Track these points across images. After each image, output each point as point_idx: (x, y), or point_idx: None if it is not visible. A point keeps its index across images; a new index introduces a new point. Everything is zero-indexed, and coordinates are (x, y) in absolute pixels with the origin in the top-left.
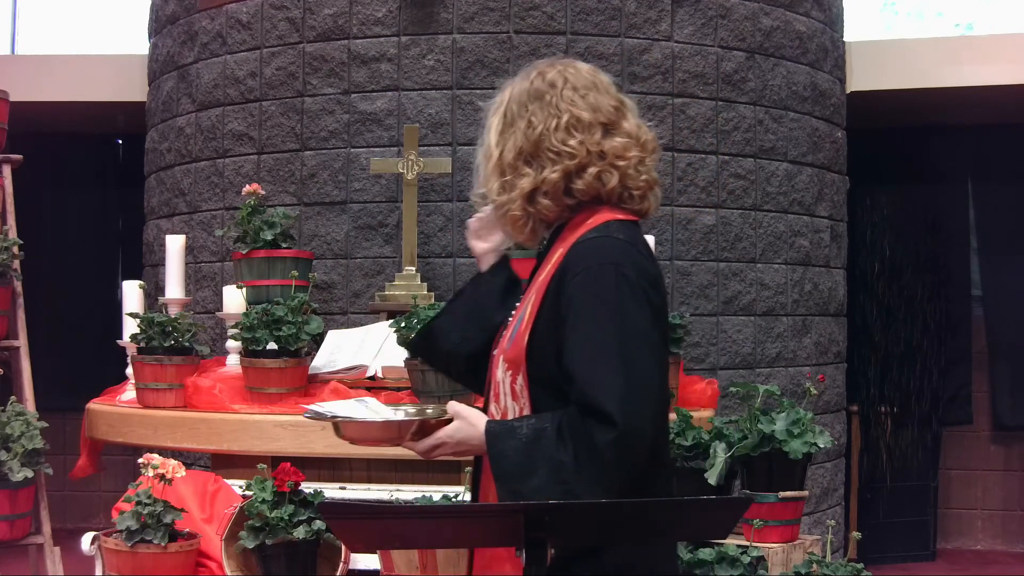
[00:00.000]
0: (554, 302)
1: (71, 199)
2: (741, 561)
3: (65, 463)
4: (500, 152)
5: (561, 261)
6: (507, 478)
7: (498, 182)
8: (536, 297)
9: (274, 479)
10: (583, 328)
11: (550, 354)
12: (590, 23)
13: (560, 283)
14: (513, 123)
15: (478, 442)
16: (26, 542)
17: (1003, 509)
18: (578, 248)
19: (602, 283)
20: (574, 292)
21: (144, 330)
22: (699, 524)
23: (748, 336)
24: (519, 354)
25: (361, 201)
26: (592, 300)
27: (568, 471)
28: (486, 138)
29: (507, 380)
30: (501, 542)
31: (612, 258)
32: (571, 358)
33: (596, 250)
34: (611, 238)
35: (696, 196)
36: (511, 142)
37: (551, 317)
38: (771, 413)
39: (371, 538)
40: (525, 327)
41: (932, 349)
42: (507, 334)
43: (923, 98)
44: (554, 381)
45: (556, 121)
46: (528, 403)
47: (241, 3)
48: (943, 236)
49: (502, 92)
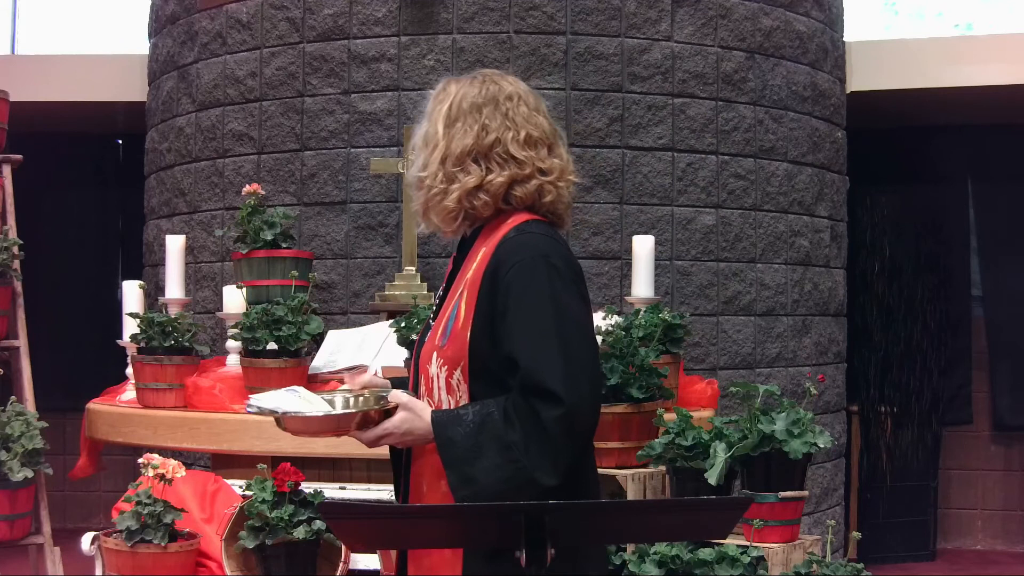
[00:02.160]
0: (489, 296)
1: (71, 199)
2: (741, 561)
3: (65, 463)
4: (447, 144)
5: (490, 258)
6: (457, 463)
7: (439, 171)
8: (469, 293)
9: (274, 479)
10: (522, 316)
11: (487, 347)
12: (590, 23)
13: (493, 278)
14: (460, 119)
15: (423, 431)
16: (26, 542)
17: (1003, 509)
18: (507, 244)
19: (535, 274)
20: (510, 284)
21: (144, 330)
22: (699, 524)
23: (748, 336)
24: (460, 349)
25: (361, 201)
26: (528, 290)
27: (518, 449)
28: (432, 126)
29: (442, 375)
30: (501, 542)
31: (542, 251)
32: (513, 345)
33: (525, 245)
34: (536, 234)
35: (696, 196)
36: (459, 138)
37: (487, 311)
38: (771, 413)
39: (371, 538)
40: (462, 323)
41: (932, 349)
42: (438, 330)
43: (923, 98)
44: (490, 373)
45: (513, 132)
46: (466, 396)
47: (241, 3)
48: (943, 236)
49: (446, 86)
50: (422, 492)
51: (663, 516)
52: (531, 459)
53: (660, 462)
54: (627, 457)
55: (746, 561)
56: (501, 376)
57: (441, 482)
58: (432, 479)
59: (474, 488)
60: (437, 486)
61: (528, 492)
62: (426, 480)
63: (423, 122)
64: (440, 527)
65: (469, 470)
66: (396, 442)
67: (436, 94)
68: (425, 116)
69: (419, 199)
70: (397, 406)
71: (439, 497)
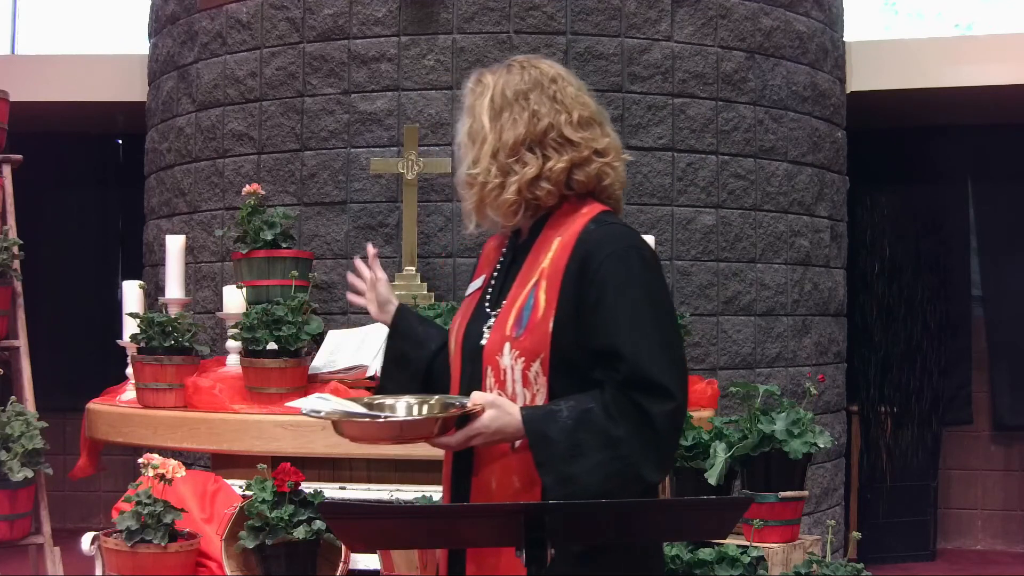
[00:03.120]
0: (575, 287)
1: (71, 199)
2: (741, 561)
3: (65, 463)
4: (497, 136)
5: (572, 248)
6: (554, 461)
7: (492, 165)
8: (549, 283)
9: (274, 479)
10: (623, 308)
11: (570, 338)
12: (590, 23)
13: (582, 268)
14: (506, 110)
15: (514, 430)
16: (26, 542)
17: (1003, 509)
18: (593, 235)
19: (631, 265)
20: (606, 275)
21: (144, 330)
22: (699, 524)
23: (748, 336)
24: (540, 340)
25: (361, 201)
26: (627, 281)
27: (626, 446)
28: (476, 121)
29: (518, 367)
30: (501, 542)
31: (632, 242)
32: (615, 336)
33: (614, 236)
34: (619, 225)
35: (696, 196)
36: (509, 129)
37: (572, 302)
38: (771, 413)
39: (371, 538)
40: (542, 313)
41: (932, 349)
42: (506, 321)
43: (923, 98)
44: (570, 366)
45: (565, 115)
46: (545, 389)
47: (241, 3)
48: (943, 236)
49: (481, 78)
50: (491, 491)
51: (663, 516)
52: (638, 456)
53: None
54: None
55: (746, 561)
56: (582, 369)
57: (513, 479)
58: (503, 477)
59: (573, 488)
60: (508, 483)
61: (632, 490)
62: (496, 478)
63: (462, 119)
64: (440, 527)
65: (568, 469)
66: (484, 442)
67: (472, 88)
68: (464, 112)
69: (471, 197)
70: (482, 408)
71: (511, 495)
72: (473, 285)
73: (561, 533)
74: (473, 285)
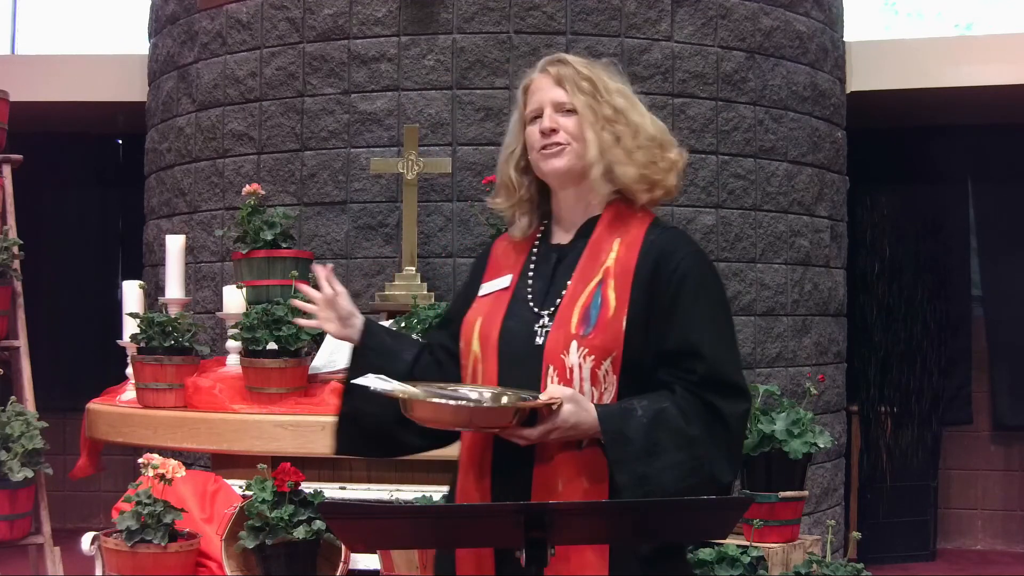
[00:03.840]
0: (648, 287)
1: (71, 199)
2: (741, 561)
3: (65, 463)
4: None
5: (640, 249)
6: (630, 460)
7: (646, 155)
8: (618, 282)
9: (274, 479)
10: (703, 309)
11: (641, 337)
12: (590, 23)
13: (656, 269)
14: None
15: (589, 426)
16: (26, 542)
17: (1003, 509)
18: (662, 237)
19: (704, 267)
20: (684, 276)
21: (144, 330)
22: (699, 524)
23: (748, 336)
24: (612, 339)
25: (361, 201)
26: (704, 283)
27: (702, 446)
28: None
29: (587, 365)
30: (501, 542)
31: (698, 247)
32: (695, 334)
33: (685, 239)
34: (680, 230)
35: (696, 196)
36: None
37: (645, 302)
38: (771, 413)
39: (371, 538)
40: (613, 312)
41: (932, 349)
42: (569, 319)
43: (923, 98)
44: (637, 365)
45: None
46: (614, 388)
47: (241, 3)
48: (943, 236)
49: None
50: (556, 490)
51: (663, 516)
52: (713, 456)
53: None
54: None
55: (746, 561)
56: (648, 370)
57: (582, 479)
58: (571, 476)
59: (649, 487)
60: (577, 483)
61: (706, 490)
62: (563, 477)
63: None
64: (441, 527)
65: (644, 468)
66: (560, 436)
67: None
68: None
69: (645, 160)
70: (560, 401)
71: (580, 494)
72: (494, 284)
73: (561, 533)
74: (494, 284)
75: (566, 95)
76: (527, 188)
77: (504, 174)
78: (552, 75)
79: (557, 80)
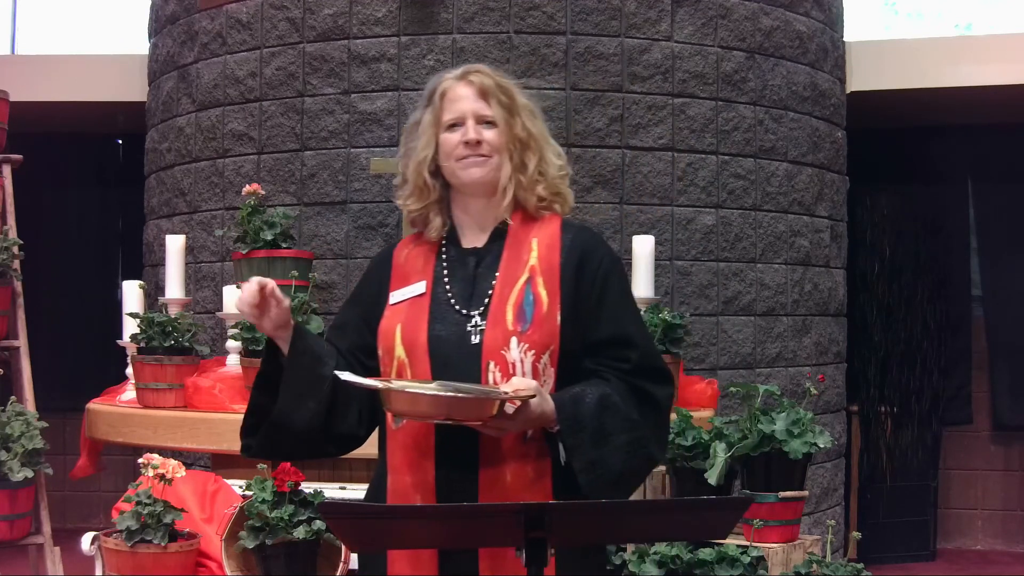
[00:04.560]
0: (575, 284)
1: (71, 199)
2: (741, 561)
3: (65, 463)
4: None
5: (559, 246)
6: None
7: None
8: (547, 280)
9: (274, 479)
10: (628, 303)
11: (571, 331)
12: (590, 23)
13: (581, 266)
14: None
15: (550, 414)
16: (26, 542)
17: (1003, 509)
18: (581, 236)
19: (620, 265)
20: (607, 273)
21: (144, 330)
22: (699, 524)
23: (748, 336)
24: (549, 334)
25: (361, 201)
26: (624, 280)
27: (642, 428)
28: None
29: (527, 360)
30: (501, 542)
31: (608, 245)
32: (626, 326)
33: (600, 238)
34: (588, 226)
35: (696, 196)
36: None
37: (572, 297)
38: (771, 413)
39: (371, 538)
40: (547, 308)
41: (932, 349)
42: (503, 316)
43: (923, 98)
44: (571, 357)
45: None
46: (552, 380)
47: (241, 3)
48: (943, 236)
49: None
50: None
51: (663, 516)
52: (651, 437)
53: None
54: None
55: (746, 561)
56: (578, 359)
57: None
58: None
59: (599, 471)
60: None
61: (643, 472)
62: (511, 470)
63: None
64: (440, 527)
65: (595, 453)
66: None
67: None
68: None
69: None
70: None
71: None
72: (406, 292)
73: (561, 533)
74: (406, 292)
75: (489, 108)
76: (438, 190)
77: (419, 176)
78: (476, 85)
79: (481, 91)
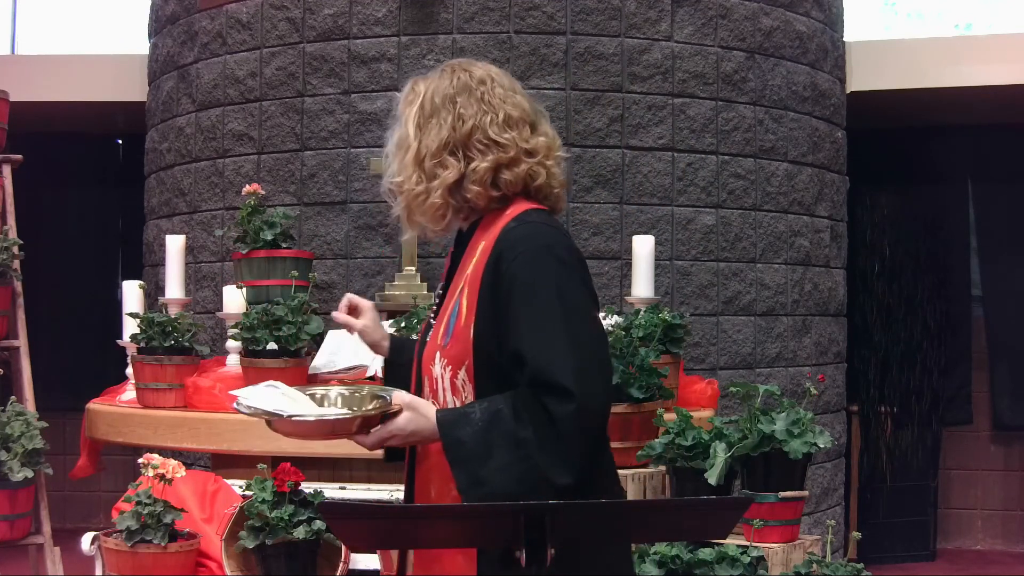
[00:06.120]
0: (491, 291)
1: (71, 199)
2: (741, 561)
3: (65, 463)
4: (419, 143)
5: (491, 250)
6: (466, 464)
7: (416, 172)
8: (470, 289)
9: (274, 479)
10: (528, 310)
11: (492, 343)
12: (590, 23)
13: (495, 271)
14: (434, 115)
15: (430, 432)
16: (26, 542)
17: (1003, 509)
18: (507, 236)
19: (539, 266)
20: (514, 276)
21: (144, 330)
22: (699, 524)
23: (748, 336)
24: (464, 348)
25: (361, 201)
26: (533, 283)
27: (531, 446)
28: (403, 129)
29: (447, 375)
30: (501, 542)
31: (545, 241)
32: (519, 340)
33: (527, 236)
34: (538, 223)
35: (696, 196)
36: (434, 133)
37: (489, 306)
38: (771, 413)
39: (371, 538)
40: (464, 320)
41: (932, 349)
42: (439, 330)
43: (923, 98)
44: (497, 370)
45: (491, 116)
46: (471, 396)
47: (241, 3)
48: (943, 236)
49: (414, 86)
50: (430, 495)
51: (663, 516)
52: (544, 457)
53: (660, 462)
54: (627, 457)
55: (746, 561)
56: (508, 373)
57: (451, 485)
58: (441, 482)
59: (484, 490)
60: (447, 489)
61: (543, 492)
62: (435, 484)
63: (395, 128)
64: (440, 527)
65: (479, 471)
66: (401, 443)
67: (405, 96)
68: (397, 121)
69: (399, 205)
70: (400, 408)
71: (450, 500)
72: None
73: (561, 533)
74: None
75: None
76: None
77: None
78: None
79: None
